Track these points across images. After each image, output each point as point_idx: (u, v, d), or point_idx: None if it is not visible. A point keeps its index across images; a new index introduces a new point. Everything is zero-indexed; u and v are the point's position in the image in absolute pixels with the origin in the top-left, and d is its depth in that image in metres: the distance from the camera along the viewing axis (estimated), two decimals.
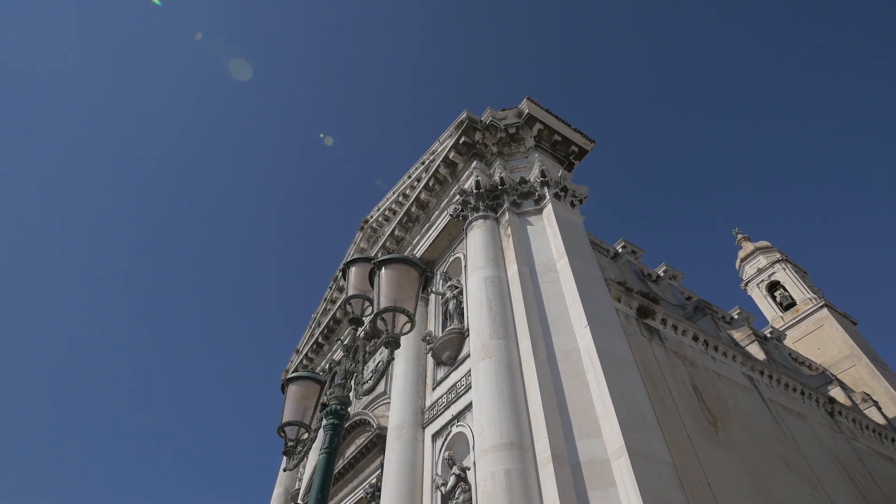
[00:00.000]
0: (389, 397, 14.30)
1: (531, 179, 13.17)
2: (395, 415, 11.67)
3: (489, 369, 9.04)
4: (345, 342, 3.91)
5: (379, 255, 17.90)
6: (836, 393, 16.48)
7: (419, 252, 15.38)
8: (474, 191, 13.11)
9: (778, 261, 30.33)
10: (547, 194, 12.51)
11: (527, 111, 14.35)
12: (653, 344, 10.73)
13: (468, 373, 10.52)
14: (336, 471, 13.78)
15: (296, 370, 22.55)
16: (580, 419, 8.12)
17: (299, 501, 15.06)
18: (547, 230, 11.80)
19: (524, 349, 9.31)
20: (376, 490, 11.51)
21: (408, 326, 3.06)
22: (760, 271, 30.74)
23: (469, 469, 9.20)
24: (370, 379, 3.44)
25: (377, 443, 12.28)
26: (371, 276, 3.22)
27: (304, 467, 18.67)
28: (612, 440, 7.58)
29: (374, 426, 12.40)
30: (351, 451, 13.65)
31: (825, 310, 26.49)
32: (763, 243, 32.04)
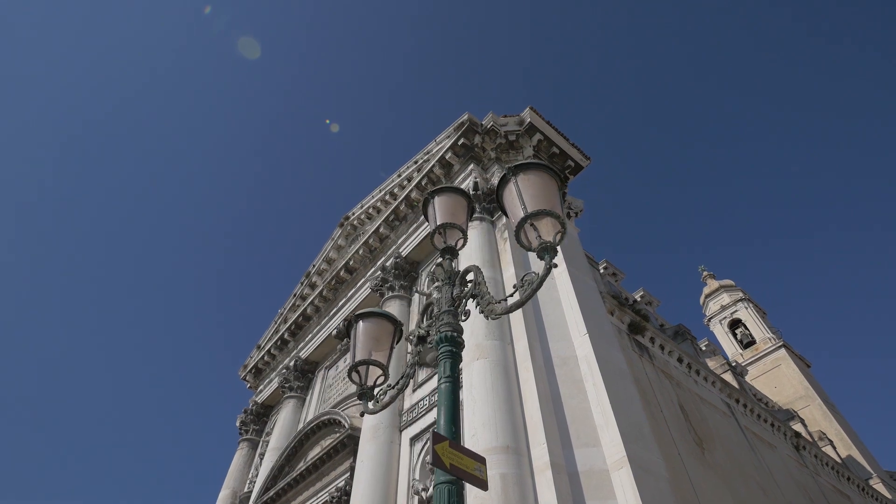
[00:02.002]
0: None
1: None
2: (370, 415, 11.04)
3: (484, 369, 8.64)
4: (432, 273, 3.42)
5: (360, 251, 17.32)
6: (798, 429, 16.89)
7: (405, 251, 14.93)
8: (472, 192, 12.84)
9: (741, 300, 31.45)
10: None
11: (528, 120, 14.27)
12: (643, 360, 10.62)
13: None
14: (297, 473, 12.94)
15: (255, 366, 21.45)
16: (578, 428, 7.81)
17: (252, 502, 14.03)
18: None
19: (520, 352, 8.98)
20: (344, 494, 10.81)
21: (560, 236, 2.65)
22: (724, 308, 31.78)
23: None
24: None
25: (347, 444, 11.58)
26: (505, 188, 2.77)
27: (255, 468, 17.57)
28: (613, 451, 7.29)
29: (347, 426, 11.71)
30: (315, 452, 12.85)
31: (783, 350, 27.49)
32: (727, 282, 33.19)
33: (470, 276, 3.15)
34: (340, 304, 17.64)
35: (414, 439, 10.17)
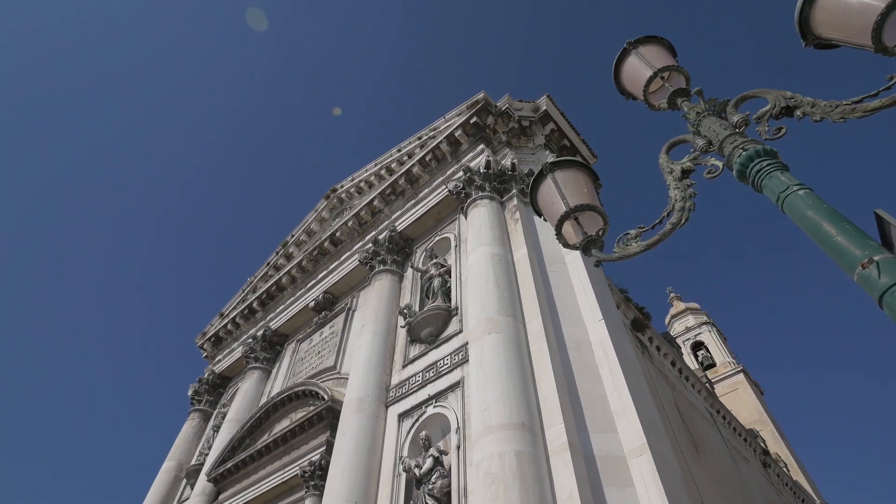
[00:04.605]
0: (339, 371, 12.90)
1: None
2: (355, 388, 10.36)
3: (497, 344, 8.17)
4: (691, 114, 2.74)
5: (349, 223, 16.52)
6: None
7: (401, 227, 14.30)
8: (482, 170, 12.39)
9: (704, 323, 32.37)
10: None
11: (544, 108, 13.98)
12: (644, 358, 10.39)
13: (455, 351, 9.59)
14: (261, 445, 12.05)
15: (215, 335, 20.18)
16: (593, 413, 7.43)
17: (205, 474, 12.98)
18: None
19: (534, 331, 8.55)
20: (318, 468, 10.05)
21: None
22: (688, 330, 32.62)
23: (447, 454, 8.18)
24: None
25: (325, 417, 10.83)
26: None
27: (208, 440, 16.40)
28: (631, 438, 6.93)
29: (326, 398, 10.95)
30: (284, 425, 12.00)
31: (741, 375, 28.39)
32: (693, 305, 34.16)
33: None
34: (320, 276, 16.77)
35: (402, 415, 9.55)
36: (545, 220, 2.80)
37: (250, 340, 17.24)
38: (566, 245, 2.63)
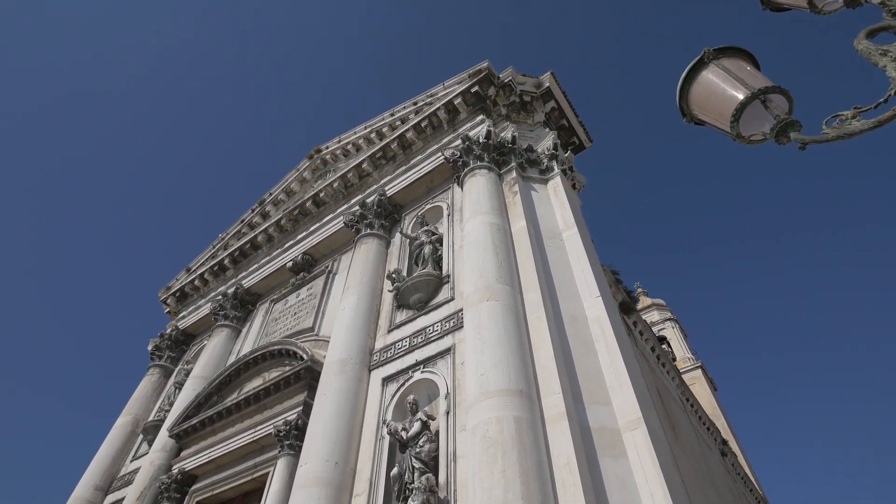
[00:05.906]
0: (317, 334, 12.52)
1: (539, 150, 12.52)
2: (338, 349, 10.05)
3: (496, 311, 8.00)
4: None
5: (334, 184, 15.98)
6: None
7: (391, 192, 13.89)
8: (482, 140, 12.10)
9: (669, 319, 33.42)
10: (555, 167, 11.93)
11: (546, 84, 13.74)
12: (630, 340, 10.46)
13: (446, 318, 9.42)
14: (231, 403, 11.62)
15: (181, 290, 19.31)
16: (589, 385, 7.39)
17: (167, 429, 12.43)
18: (552, 200, 11.15)
19: (531, 302, 8.42)
20: (294, 429, 9.72)
21: None
22: (653, 324, 33.53)
23: (434, 419, 8.01)
24: None
25: (303, 377, 10.47)
26: None
27: (168, 397, 15.75)
28: (627, 412, 6.93)
29: (306, 358, 10.58)
30: (257, 384, 11.57)
31: (699, 371, 29.51)
32: (659, 301, 35.19)
33: None
34: (300, 236, 16.19)
35: (387, 380, 9.33)
36: (696, 123, 2.51)
37: (220, 297, 16.56)
38: (739, 137, 2.34)
